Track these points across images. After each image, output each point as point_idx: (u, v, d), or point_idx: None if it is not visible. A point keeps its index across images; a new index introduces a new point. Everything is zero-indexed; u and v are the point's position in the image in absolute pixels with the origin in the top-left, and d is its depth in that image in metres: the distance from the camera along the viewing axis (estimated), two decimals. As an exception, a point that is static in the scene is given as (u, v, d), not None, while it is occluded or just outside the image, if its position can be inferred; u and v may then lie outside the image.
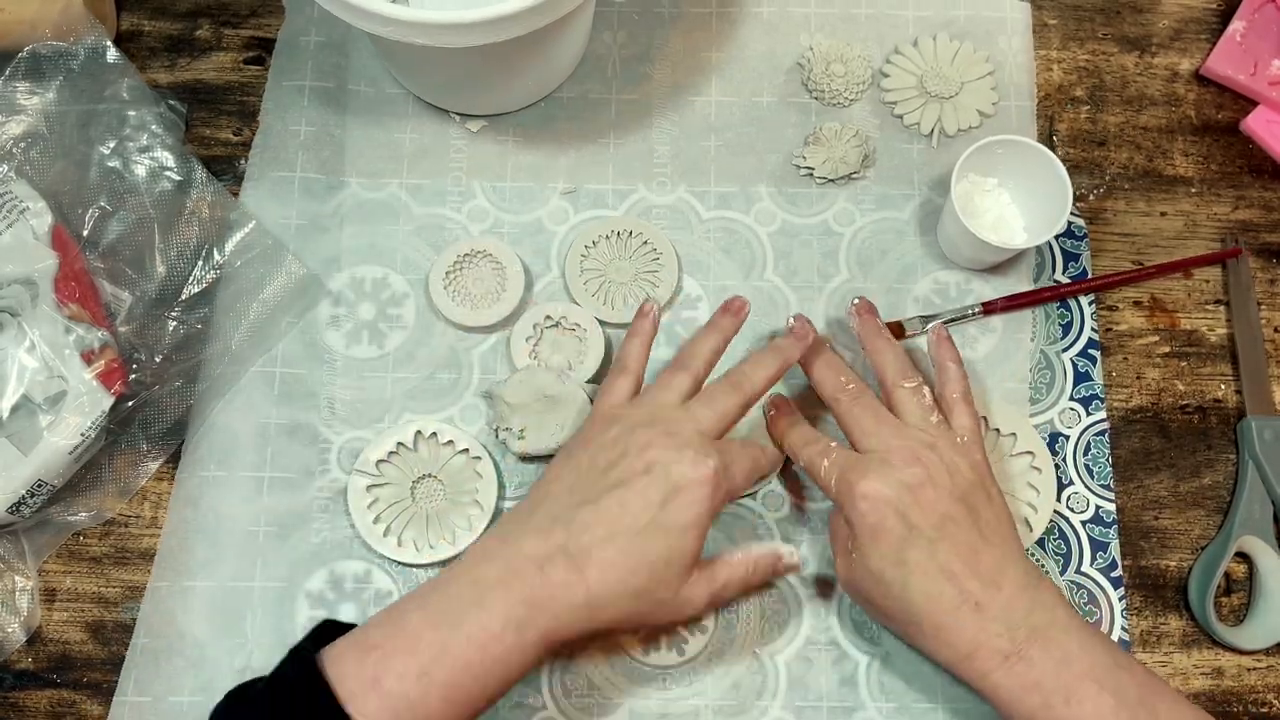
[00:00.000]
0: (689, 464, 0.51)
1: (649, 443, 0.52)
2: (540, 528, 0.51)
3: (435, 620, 0.48)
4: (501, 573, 0.49)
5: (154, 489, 0.63)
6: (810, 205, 0.68)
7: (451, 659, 0.47)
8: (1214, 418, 0.65)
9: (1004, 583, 0.52)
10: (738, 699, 0.60)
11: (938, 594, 0.51)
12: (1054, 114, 0.70)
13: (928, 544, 0.52)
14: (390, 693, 0.46)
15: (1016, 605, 0.51)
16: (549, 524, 0.51)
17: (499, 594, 0.49)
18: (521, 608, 0.48)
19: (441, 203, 0.67)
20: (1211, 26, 0.72)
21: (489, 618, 0.48)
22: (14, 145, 0.63)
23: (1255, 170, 0.70)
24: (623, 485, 0.51)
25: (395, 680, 0.46)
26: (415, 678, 0.46)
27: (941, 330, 0.61)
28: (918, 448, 0.54)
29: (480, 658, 0.47)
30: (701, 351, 0.58)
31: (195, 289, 0.64)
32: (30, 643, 0.60)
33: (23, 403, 0.58)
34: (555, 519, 0.51)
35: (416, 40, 0.55)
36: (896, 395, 0.57)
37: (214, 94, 0.70)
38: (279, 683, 0.47)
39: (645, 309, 0.60)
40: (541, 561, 0.49)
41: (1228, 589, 0.63)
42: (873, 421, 0.56)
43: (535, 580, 0.49)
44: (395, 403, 0.64)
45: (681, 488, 0.51)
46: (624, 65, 0.70)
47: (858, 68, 0.70)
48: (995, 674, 0.50)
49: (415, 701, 0.46)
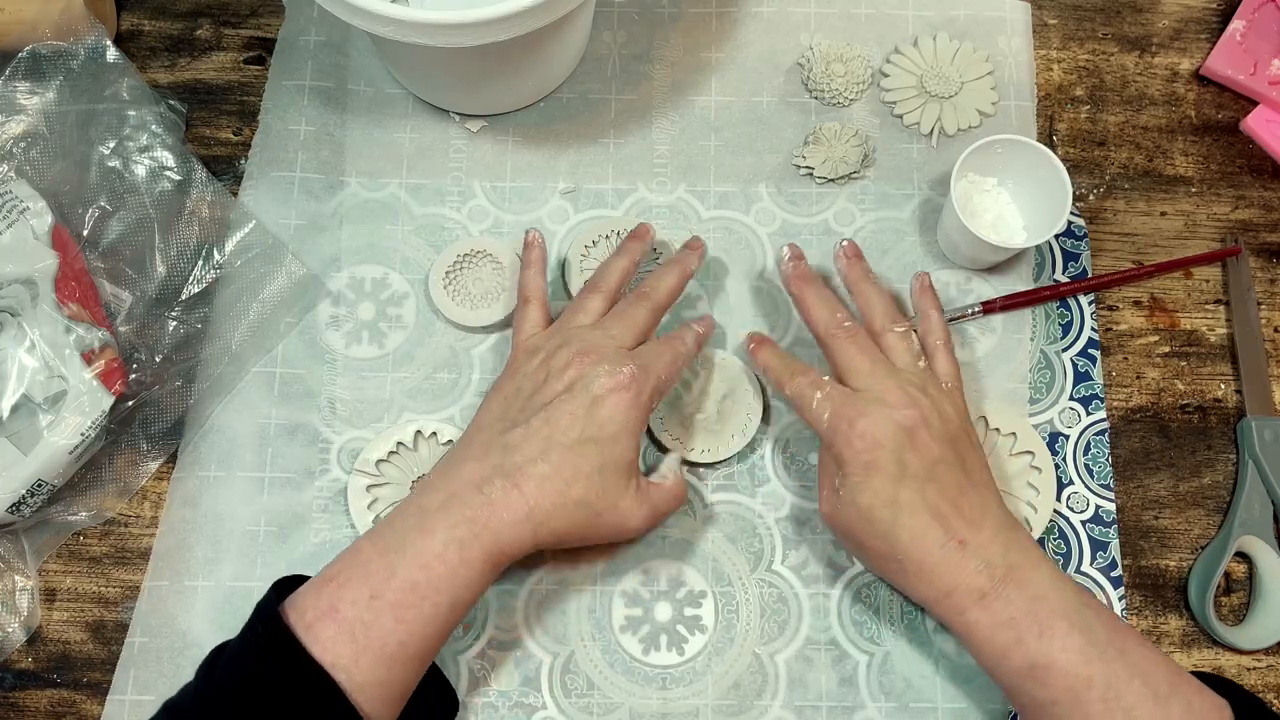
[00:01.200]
0: (606, 374, 0.54)
1: (567, 363, 0.55)
2: (476, 455, 0.54)
3: (383, 548, 0.50)
4: (444, 499, 0.52)
5: (154, 489, 0.63)
6: (810, 205, 0.68)
7: (399, 581, 0.49)
8: (1214, 418, 0.65)
9: (985, 523, 0.53)
10: (738, 699, 0.60)
11: (925, 533, 0.52)
12: (1054, 114, 0.70)
13: (919, 485, 0.53)
14: (345, 618, 0.48)
15: (995, 545, 0.52)
16: (483, 451, 0.54)
17: (440, 517, 0.51)
18: (463, 527, 0.51)
19: (441, 203, 0.67)
20: (1211, 26, 0.72)
21: (432, 540, 0.50)
22: (14, 145, 0.63)
23: (1255, 170, 0.70)
24: (548, 405, 0.54)
25: (349, 606, 0.48)
26: (366, 601, 0.49)
27: (924, 278, 0.62)
28: (912, 390, 0.55)
29: (426, 577, 0.50)
30: (612, 272, 0.61)
31: (195, 289, 0.64)
32: (30, 643, 0.60)
33: (23, 402, 0.58)
34: (488, 445, 0.54)
35: (416, 40, 0.55)
36: (886, 339, 0.58)
37: (214, 94, 0.70)
38: (246, 632, 0.49)
39: (530, 238, 0.63)
40: (480, 483, 0.52)
41: (1228, 589, 0.63)
42: (868, 361, 0.57)
43: (475, 500, 0.51)
44: (395, 403, 0.64)
45: (602, 397, 0.54)
46: (624, 65, 0.70)
47: (858, 67, 0.70)
48: (971, 611, 0.51)
49: (369, 623, 0.48)
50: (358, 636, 0.48)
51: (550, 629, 0.61)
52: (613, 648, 0.60)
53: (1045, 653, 0.49)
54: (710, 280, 0.66)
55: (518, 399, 0.56)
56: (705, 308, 0.66)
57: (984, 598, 0.51)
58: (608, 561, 0.61)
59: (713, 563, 0.62)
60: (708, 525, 0.62)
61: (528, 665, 0.60)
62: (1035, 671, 0.50)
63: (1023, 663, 0.50)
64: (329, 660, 0.47)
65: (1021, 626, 0.50)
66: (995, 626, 0.51)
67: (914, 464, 0.53)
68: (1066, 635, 0.50)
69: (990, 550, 0.52)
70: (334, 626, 0.48)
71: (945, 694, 0.60)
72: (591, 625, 0.61)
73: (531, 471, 0.52)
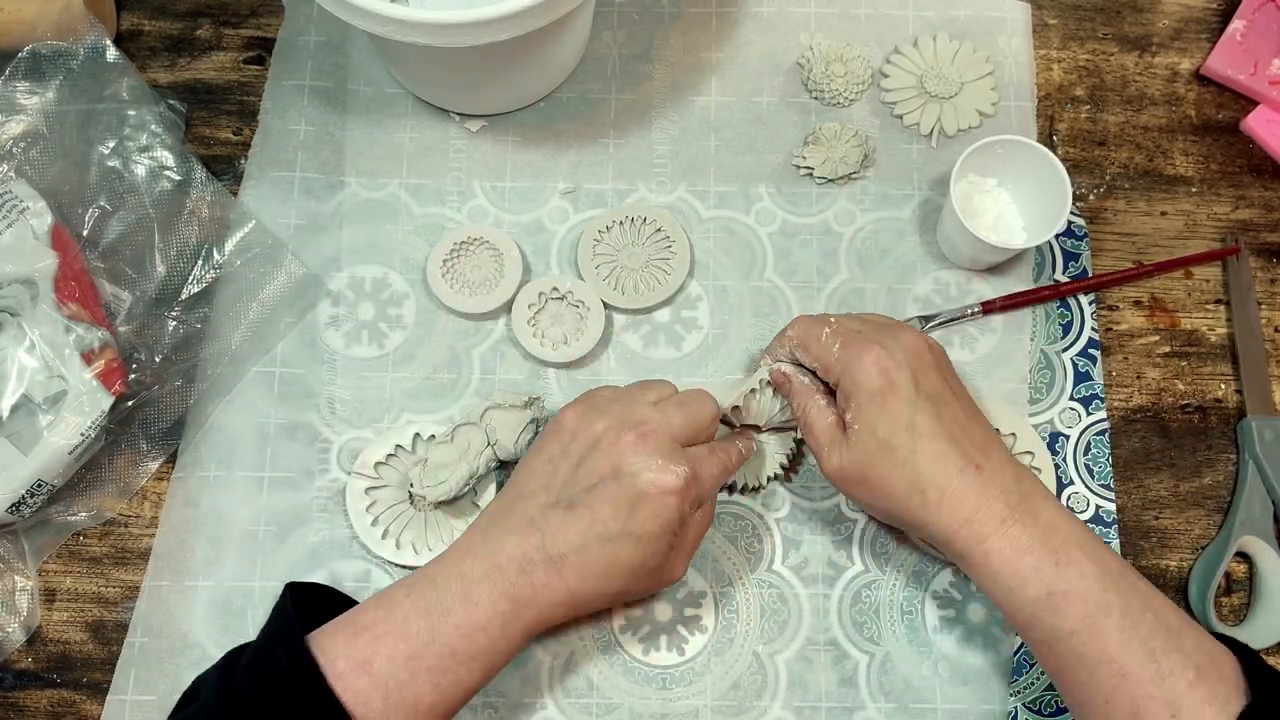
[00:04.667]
0: (657, 471, 0.52)
1: (617, 441, 0.52)
2: (518, 528, 0.52)
3: (425, 609, 0.50)
4: (486, 569, 0.51)
5: (154, 489, 0.63)
6: (810, 205, 0.68)
7: (440, 646, 0.49)
8: (1214, 417, 0.65)
9: (993, 451, 0.53)
10: (738, 699, 0.60)
11: (944, 456, 0.52)
12: (1054, 114, 0.70)
13: (933, 408, 0.53)
14: (380, 674, 0.48)
15: (1007, 472, 0.53)
16: (526, 525, 0.52)
17: (484, 589, 0.50)
18: (506, 603, 0.50)
19: (441, 202, 0.67)
20: (1211, 26, 0.72)
21: (477, 611, 0.50)
22: (14, 145, 0.63)
23: (1255, 170, 0.70)
24: (592, 491, 0.52)
25: (385, 662, 0.48)
26: (404, 660, 0.48)
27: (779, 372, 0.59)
28: (909, 328, 0.56)
29: (467, 646, 0.49)
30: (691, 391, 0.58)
31: (195, 289, 0.64)
32: (30, 643, 0.60)
33: (23, 402, 0.58)
34: (531, 521, 0.52)
35: (416, 40, 0.55)
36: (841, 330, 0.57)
37: (214, 94, 0.70)
38: (268, 662, 0.48)
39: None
40: (522, 563, 0.51)
41: (1228, 589, 0.63)
42: (859, 321, 0.57)
43: (518, 580, 0.51)
44: (395, 402, 0.64)
45: (649, 496, 0.51)
46: (624, 65, 0.70)
47: (857, 68, 0.70)
48: (992, 538, 0.51)
49: (404, 683, 0.48)
50: (391, 694, 0.47)
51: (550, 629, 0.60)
52: (613, 648, 0.60)
53: (1064, 579, 0.49)
54: (710, 280, 0.66)
55: (564, 464, 0.53)
56: (705, 307, 0.66)
57: (1004, 524, 0.51)
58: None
59: (713, 563, 0.62)
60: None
61: (528, 665, 0.60)
62: (1053, 599, 0.49)
63: (1040, 590, 0.50)
64: (360, 713, 0.46)
65: (1039, 554, 0.50)
66: (1015, 553, 0.50)
67: (925, 386, 0.53)
68: (1082, 563, 0.50)
69: (1005, 477, 0.52)
70: (368, 679, 0.47)
71: (945, 694, 0.60)
72: (591, 626, 0.61)
73: (573, 560, 0.51)
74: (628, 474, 0.52)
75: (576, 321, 0.64)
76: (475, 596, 0.50)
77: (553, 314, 0.65)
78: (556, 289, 0.64)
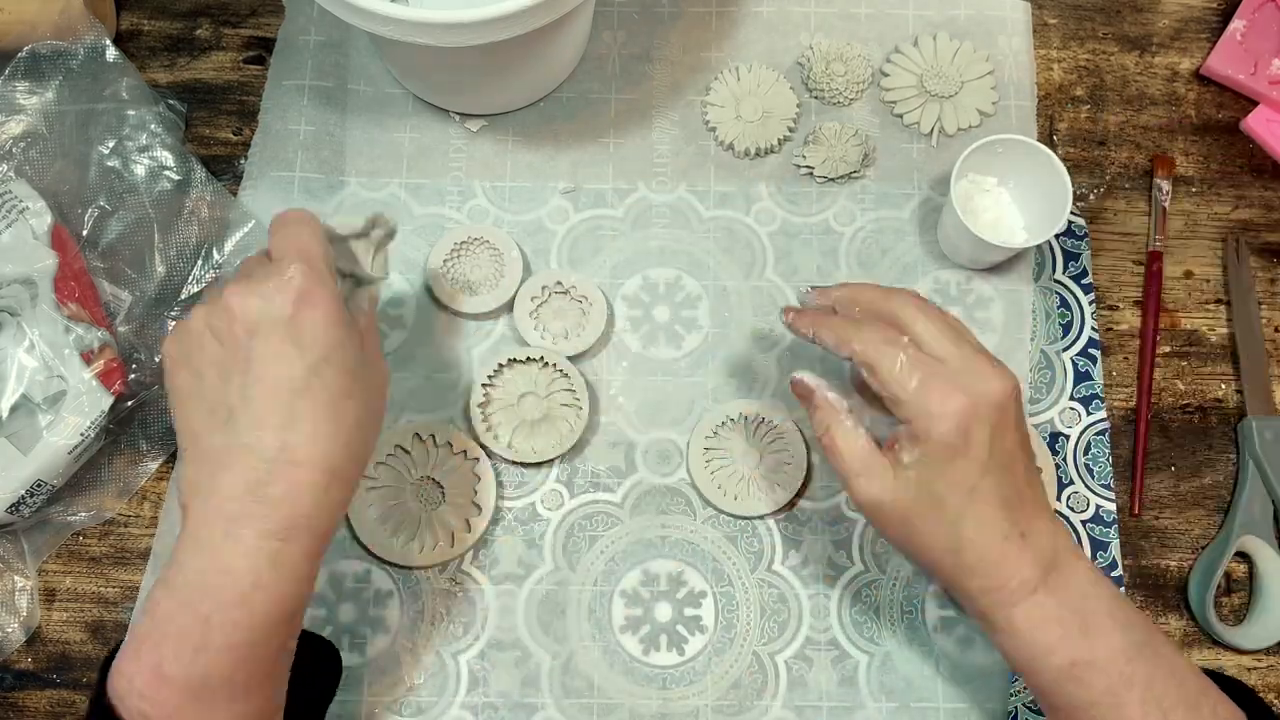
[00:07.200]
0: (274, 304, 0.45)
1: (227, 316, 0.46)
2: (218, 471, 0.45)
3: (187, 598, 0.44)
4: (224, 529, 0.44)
5: (154, 489, 0.63)
6: (810, 204, 0.68)
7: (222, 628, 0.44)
8: (1214, 417, 0.65)
9: (1040, 516, 0.50)
10: (738, 699, 0.60)
11: (991, 523, 0.48)
12: (1054, 113, 0.70)
13: (1000, 473, 0.48)
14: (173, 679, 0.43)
15: (1045, 536, 0.49)
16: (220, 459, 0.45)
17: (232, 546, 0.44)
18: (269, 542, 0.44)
19: (441, 202, 0.67)
20: (1212, 26, 0.72)
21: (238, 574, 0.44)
22: (14, 145, 0.63)
23: (1255, 170, 0.70)
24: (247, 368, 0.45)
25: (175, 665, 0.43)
26: (192, 653, 0.43)
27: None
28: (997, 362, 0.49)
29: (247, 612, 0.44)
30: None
31: (195, 289, 0.64)
32: (30, 643, 0.60)
33: (22, 402, 0.58)
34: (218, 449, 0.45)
35: (416, 40, 0.55)
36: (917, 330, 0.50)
37: (214, 94, 0.69)
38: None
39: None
40: (256, 489, 0.44)
41: (1228, 589, 0.63)
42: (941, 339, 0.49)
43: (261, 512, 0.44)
44: (395, 402, 0.64)
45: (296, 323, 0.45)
46: (624, 65, 0.70)
47: (858, 67, 0.69)
48: (1021, 605, 0.48)
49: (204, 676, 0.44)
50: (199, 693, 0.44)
51: (550, 629, 0.61)
52: (613, 648, 0.60)
53: (1089, 651, 0.47)
54: (710, 280, 0.66)
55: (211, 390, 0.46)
56: (705, 307, 0.66)
57: (1035, 591, 0.48)
58: (607, 561, 0.61)
59: (713, 563, 0.62)
60: (708, 525, 0.62)
61: (528, 665, 0.60)
62: (1076, 669, 0.47)
63: (1065, 660, 0.47)
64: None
65: (1068, 622, 0.48)
66: (1043, 621, 0.48)
67: (999, 449, 0.48)
68: (1110, 632, 0.48)
69: (1043, 541, 0.49)
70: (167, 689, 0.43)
71: (945, 694, 0.60)
72: (591, 625, 0.61)
73: (294, 440, 0.44)
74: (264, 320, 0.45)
75: (579, 316, 0.64)
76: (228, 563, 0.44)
77: (555, 308, 0.65)
78: (560, 283, 0.64)
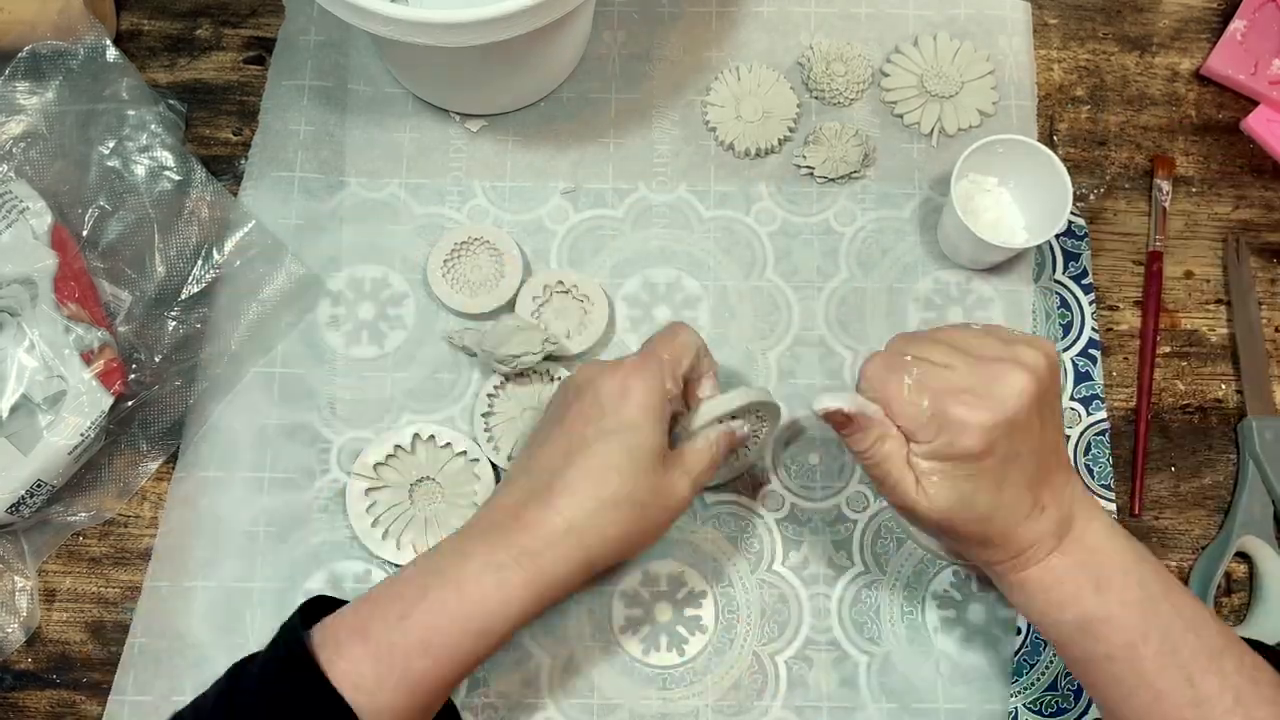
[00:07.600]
0: (608, 373, 0.52)
1: (579, 381, 0.54)
2: (509, 486, 0.53)
3: (421, 571, 0.50)
4: (484, 529, 0.51)
5: (153, 489, 0.63)
6: (810, 204, 0.68)
7: (430, 602, 0.48)
8: (1214, 418, 0.65)
9: (1063, 489, 0.50)
10: (738, 699, 0.60)
11: (1018, 504, 0.49)
12: (1054, 113, 0.70)
13: (1023, 463, 0.49)
14: (373, 638, 0.47)
15: (1064, 499, 0.50)
16: (516, 479, 0.53)
17: (478, 544, 0.50)
18: (502, 553, 0.49)
19: (441, 202, 0.67)
20: (1212, 26, 0.72)
21: (468, 563, 0.49)
22: (14, 145, 0.63)
23: (1255, 170, 0.70)
24: (562, 419, 0.53)
25: (379, 624, 0.47)
26: (396, 621, 0.47)
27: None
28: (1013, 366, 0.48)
29: (458, 599, 0.48)
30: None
31: (195, 289, 0.64)
32: (30, 643, 0.60)
33: (22, 402, 0.58)
34: (521, 472, 0.53)
35: (416, 40, 0.55)
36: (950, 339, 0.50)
37: (214, 94, 0.69)
38: (270, 650, 0.48)
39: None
40: (516, 510, 0.50)
41: (1228, 589, 0.63)
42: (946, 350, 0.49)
43: (512, 526, 0.50)
44: (395, 403, 0.64)
45: (611, 392, 0.51)
46: (624, 65, 0.70)
47: (858, 67, 0.69)
48: (1033, 567, 0.49)
49: (395, 644, 0.47)
50: (382, 657, 0.46)
51: (550, 629, 0.61)
52: (613, 648, 0.60)
53: (1103, 607, 0.48)
54: (710, 280, 0.66)
55: (543, 427, 0.55)
56: (705, 307, 0.66)
57: (1050, 554, 0.49)
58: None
59: (713, 563, 0.62)
60: (708, 525, 0.62)
61: (528, 666, 0.60)
62: (1091, 626, 0.48)
63: (1078, 617, 0.49)
64: (351, 682, 0.46)
65: (1080, 581, 0.49)
66: (1055, 582, 0.49)
67: (1022, 442, 0.48)
68: (1123, 589, 0.48)
69: (1063, 509, 0.50)
70: (361, 646, 0.47)
71: (945, 694, 0.60)
72: (591, 626, 0.61)
73: (559, 485, 0.50)
74: (588, 389, 0.52)
75: (580, 316, 0.64)
76: (469, 550, 0.50)
77: (557, 307, 0.65)
78: (561, 282, 0.64)
